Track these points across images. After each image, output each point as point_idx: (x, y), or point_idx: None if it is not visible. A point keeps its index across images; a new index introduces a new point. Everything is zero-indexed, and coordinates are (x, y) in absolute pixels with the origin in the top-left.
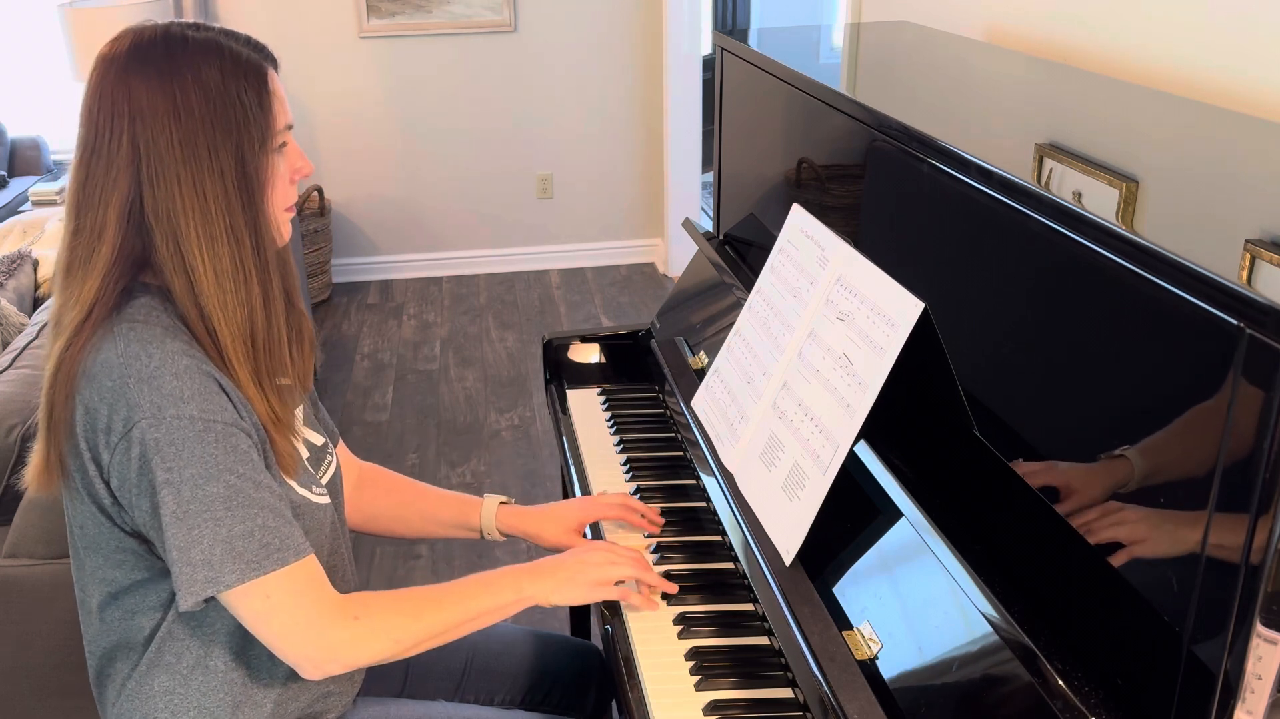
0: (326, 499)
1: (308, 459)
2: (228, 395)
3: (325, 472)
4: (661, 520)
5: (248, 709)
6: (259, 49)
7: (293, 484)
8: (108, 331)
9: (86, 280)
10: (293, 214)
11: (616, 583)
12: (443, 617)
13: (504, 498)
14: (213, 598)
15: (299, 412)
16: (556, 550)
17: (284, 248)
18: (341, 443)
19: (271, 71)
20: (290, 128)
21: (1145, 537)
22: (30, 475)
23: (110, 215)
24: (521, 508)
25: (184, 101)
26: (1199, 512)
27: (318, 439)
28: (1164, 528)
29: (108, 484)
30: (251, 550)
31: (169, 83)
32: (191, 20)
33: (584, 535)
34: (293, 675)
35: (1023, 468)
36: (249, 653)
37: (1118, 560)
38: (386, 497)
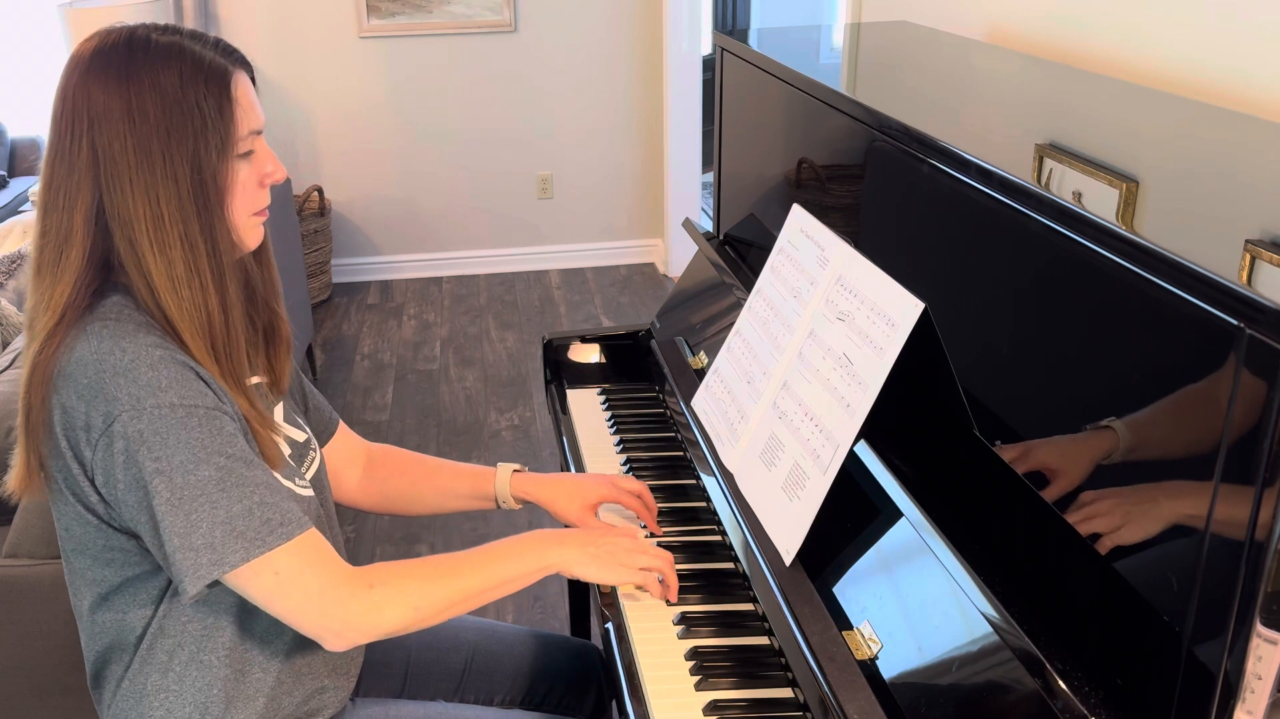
0: (310, 493)
1: (290, 455)
2: (206, 383)
3: (309, 467)
4: (659, 530)
5: (241, 704)
6: (228, 53)
7: (277, 475)
8: (80, 330)
9: (57, 285)
10: (264, 218)
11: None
12: (463, 583)
13: (517, 465)
14: (217, 584)
15: (279, 409)
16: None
17: (263, 249)
18: (343, 426)
19: (239, 75)
20: (258, 132)
21: (1145, 535)
22: (12, 481)
23: (76, 219)
24: (536, 475)
25: (139, 107)
26: (1200, 512)
27: (299, 436)
28: (1164, 526)
29: (93, 482)
30: (253, 528)
31: (125, 88)
32: (169, 24)
33: (596, 514)
34: (286, 671)
35: (1022, 467)
36: (242, 648)
37: (1117, 560)
38: (400, 475)
